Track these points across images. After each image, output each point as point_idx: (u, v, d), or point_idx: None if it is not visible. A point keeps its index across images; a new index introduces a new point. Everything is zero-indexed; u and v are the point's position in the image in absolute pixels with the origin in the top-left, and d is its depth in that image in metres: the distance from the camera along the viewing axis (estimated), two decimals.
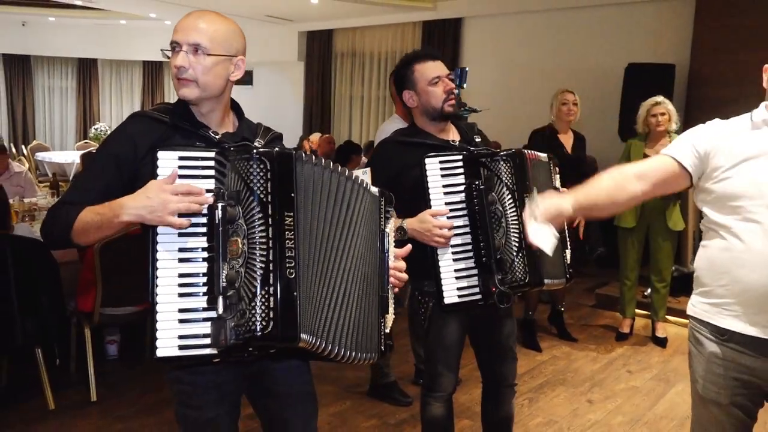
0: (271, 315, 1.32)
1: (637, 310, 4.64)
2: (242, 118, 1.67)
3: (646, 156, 4.22)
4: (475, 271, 2.02)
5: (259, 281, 1.32)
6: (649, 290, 4.63)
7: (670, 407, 3.45)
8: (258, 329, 1.31)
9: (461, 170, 2.02)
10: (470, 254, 2.02)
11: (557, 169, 2.23)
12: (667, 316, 4.57)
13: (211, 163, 1.38)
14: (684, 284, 5.09)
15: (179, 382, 1.54)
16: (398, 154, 2.12)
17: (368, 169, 1.87)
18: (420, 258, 1.77)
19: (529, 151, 2.12)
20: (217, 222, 1.34)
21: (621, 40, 6.70)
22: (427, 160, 2.00)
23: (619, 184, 1.73)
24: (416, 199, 2.00)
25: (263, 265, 1.33)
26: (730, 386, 1.67)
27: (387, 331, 1.62)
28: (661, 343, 4.42)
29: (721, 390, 1.68)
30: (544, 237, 1.67)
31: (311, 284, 1.42)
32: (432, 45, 8.29)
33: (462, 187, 2.02)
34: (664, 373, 3.94)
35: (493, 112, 4.18)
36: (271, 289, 1.33)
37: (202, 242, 1.36)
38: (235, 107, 1.67)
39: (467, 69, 4.49)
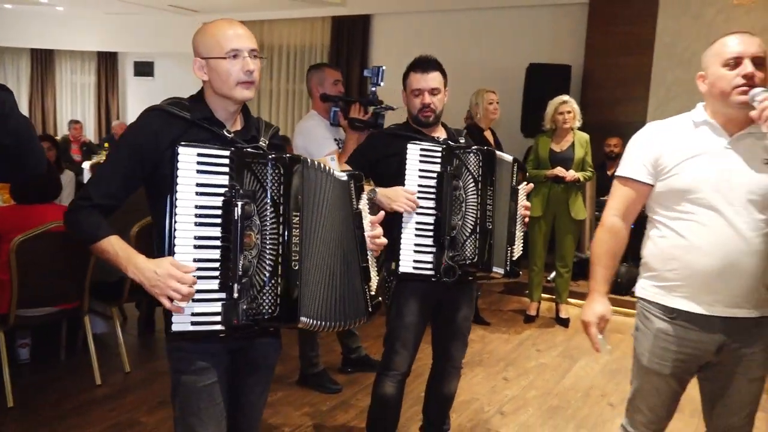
0: (278, 301, 1.56)
1: (542, 294, 5.00)
2: (249, 116, 1.79)
3: (551, 151, 4.55)
4: (433, 249, 2.24)
5: (269, 272, 1.56)
6: (553, 275, 5.00)
7: (576, 380, 3.78)
8: (266, 313, 1.55)
9: (439, 160, 2.25)
10: (431, 233, 2.25)
11: (522, 173, 2.47)
12: (568, 299, 4.96)
13: (226, 161, 1.55)
14: (582, 269, 5.53)
15: (179, 350, 1.65)
16: (385, 143, 2.38)
17: (335, 156, 2.05)
18: (387, 239, 1.95)
19: (498, 152, 2.36)
20: (236, 218, 1.51)
21: (523, 42, 7.07)
22: (409, 145, 2.24)
23: (616, 240, 1.95)
24: (394, 181, 2.23)
25: (273, 258, 1.56)
26: (673, 359, 1.89)
27: (372, 293, 1.82)
28: (564, 323, 4.80)
29: (664, 362, 1.91)
30: (602, 346, 1.95)
31: (309, 272, 1.65)
32: (341, 40, 8.38)
33: (436, 174, 2.25)
34: (569, 350, 4.30)
35: (400, 110, 4.35)
36: (280, 279, 1.56)
37: (217, 232, 1.55)
38: (243, 106, 1.79)
39: (383, 67, 4.62)
